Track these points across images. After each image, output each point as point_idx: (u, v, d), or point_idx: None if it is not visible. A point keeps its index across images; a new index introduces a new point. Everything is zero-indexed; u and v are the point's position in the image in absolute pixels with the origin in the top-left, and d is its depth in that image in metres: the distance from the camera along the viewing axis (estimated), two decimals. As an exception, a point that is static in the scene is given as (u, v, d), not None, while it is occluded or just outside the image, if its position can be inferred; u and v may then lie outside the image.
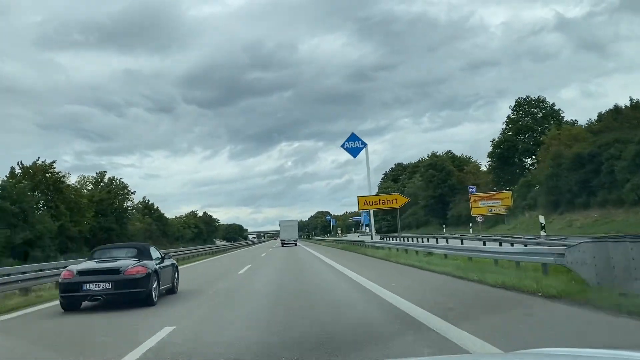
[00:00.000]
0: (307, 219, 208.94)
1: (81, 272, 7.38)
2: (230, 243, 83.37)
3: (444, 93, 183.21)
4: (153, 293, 7.58)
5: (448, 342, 4.64)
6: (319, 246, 38.23)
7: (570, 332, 5.02)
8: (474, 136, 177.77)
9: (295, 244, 51.38)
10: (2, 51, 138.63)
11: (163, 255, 9.66)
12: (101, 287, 7.22)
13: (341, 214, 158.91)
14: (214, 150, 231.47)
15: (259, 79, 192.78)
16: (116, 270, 7.41)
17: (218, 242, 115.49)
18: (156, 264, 8.17)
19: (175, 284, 9.44)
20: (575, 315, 5.62)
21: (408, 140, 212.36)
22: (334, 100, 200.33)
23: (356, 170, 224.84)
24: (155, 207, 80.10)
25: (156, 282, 7.73)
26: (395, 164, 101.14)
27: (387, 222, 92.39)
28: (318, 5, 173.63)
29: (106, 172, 57.91)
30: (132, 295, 7.25)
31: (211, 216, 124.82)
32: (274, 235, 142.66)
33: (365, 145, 30.12)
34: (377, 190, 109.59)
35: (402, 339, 4.96)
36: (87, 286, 7.19)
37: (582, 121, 56.37)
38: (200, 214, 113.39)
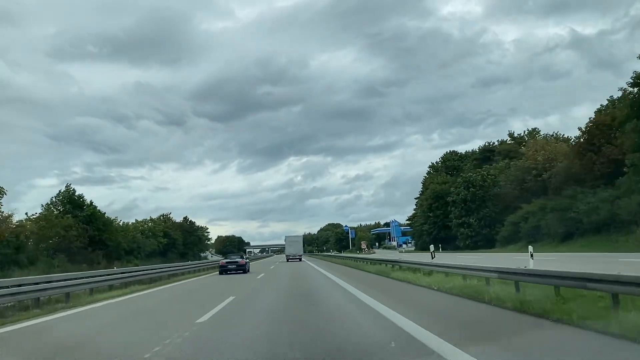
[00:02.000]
0: (316, 232, 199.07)
1: (227, 262, 30.02)
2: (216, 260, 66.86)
3: (455, 110, 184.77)
4: (247, 269, 29.81)
5: None
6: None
7: None
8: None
9: (300, 259, 56.47)
10: (16, 62, 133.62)
11: (246, 256, 41.78)
12: (233, 267, 29.23)
13: (354, 226, 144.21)
14: (223, 164, 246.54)
15: (268, 93, 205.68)
16: (237, 262, 29.93)
17: (213, 257, 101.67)
18: (245, 260, 31.85)
19: (249, 268, 30.94)
20: None
21: (418, 156, 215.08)
22: (344, 115, 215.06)
23: (365, 185, 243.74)
24: (88, 202, 55.84)
25: (247, 266, 30.33)
26: (447, 152, 65.07)
27: (469, 228, 62.52)
28: (329, 20, 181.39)
29: None
30: (241, 270, 28.93)
31: (194, 223, 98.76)
32: (279, 250, 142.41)
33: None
34: (420, 190, 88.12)
35: None
36: (229, 266, 29.25)
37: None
38: (178, 219, 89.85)
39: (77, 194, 52.88)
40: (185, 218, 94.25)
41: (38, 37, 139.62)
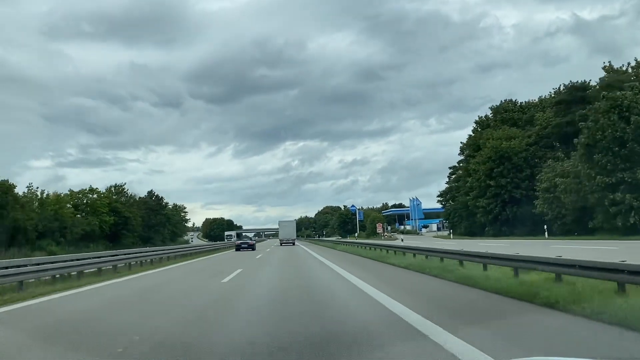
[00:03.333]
0: (313, 216, 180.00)
1: (240, 242, 45.43)
2: (202, 245, 57.37)
3: (453, 95, 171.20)
4: (254, 247, 43.71)
5: None
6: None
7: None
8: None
9: (293, 243, 58.42)
10: (9, 40, 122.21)
11: (254, 238, 78.53)
12: (245, 245, 42.90)
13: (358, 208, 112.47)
14: (219, 148, 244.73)
15: (265, 76, 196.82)
16: (247, 242, 45.12)
17: (198, 241, 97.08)
18: (253, 241, 50.66)
19: (255, 247, 45.71)
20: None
21: (414, 142, 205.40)
22: (341, 99, 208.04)
23: (362, 171, 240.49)
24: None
25: (254, 245, 45.58)
26: (503, 101, 36.20)
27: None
28: (327, 1, 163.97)
29: None
30: (251, 248, 42.12)
31: (161, 199, 76.61)
32: (274, 234, 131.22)
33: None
34: (463, 153, 68.81)
35: None
36: (242, 245, 43.09)
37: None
38: (139, 192, 73.53)
39: None
40: (150, 192, 74.25)
41: (31, 14, 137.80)
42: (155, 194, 77.87)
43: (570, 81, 49.60)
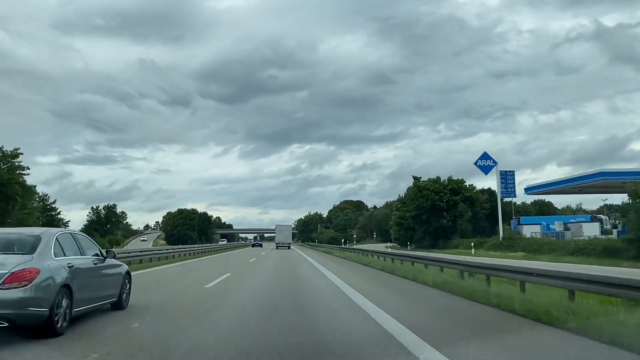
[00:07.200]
0: (326, 214, 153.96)
1: (254, 243, 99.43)
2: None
3: (465, 100, 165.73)
4: (262, 245, 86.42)
5: None
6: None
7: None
8: (490, 147, 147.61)
9: (289, 247, 65.62)
10: (19, 32, 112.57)
11: (259, 241, 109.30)
12: (257, 245, 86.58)
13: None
14: (225, 149, 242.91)
15: (275, 76, 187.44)
16: (259, 243, 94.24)
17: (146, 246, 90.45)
18: (262, 242, 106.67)
19: (262, 245, 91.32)
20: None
21: (424, 147, 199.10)
22: (350, 103, 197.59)
23: (371, 175, 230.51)
24: None
25: (262, 244, 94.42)
26: None
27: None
28: (339, 2, 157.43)
29: None
30: (260, 246, 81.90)
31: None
32: (270, 236, 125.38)
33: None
34: None
35: None
36: (256, 244, 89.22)
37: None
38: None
39: None
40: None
41: (43, 6, 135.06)
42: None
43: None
